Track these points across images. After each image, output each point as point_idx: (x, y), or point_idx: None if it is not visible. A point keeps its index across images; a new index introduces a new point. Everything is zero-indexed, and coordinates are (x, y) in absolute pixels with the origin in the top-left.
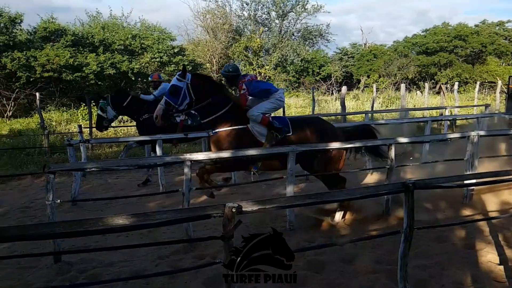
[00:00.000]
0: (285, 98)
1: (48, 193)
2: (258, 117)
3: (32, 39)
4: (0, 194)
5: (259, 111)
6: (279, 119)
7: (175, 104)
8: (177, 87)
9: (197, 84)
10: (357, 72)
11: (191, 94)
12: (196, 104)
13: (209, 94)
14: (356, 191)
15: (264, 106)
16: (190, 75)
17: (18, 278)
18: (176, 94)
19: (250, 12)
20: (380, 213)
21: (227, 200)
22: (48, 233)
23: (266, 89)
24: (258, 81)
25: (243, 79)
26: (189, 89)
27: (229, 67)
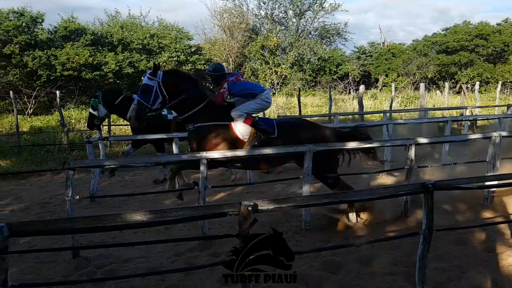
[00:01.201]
0: (271, 99)
1: (68, 189)
2: (242, 116)
3: (52, 38)
4: (21, 190)
5: (243, 110)
6: (265, 120)
7: (147, 103)
8: (148, 86)
9: (169, 82)
10: (375, 71)
11: (163, 92)
12: (171, 101)
13: (183, 90)
14: (375, 191)
15: (249, 106)
16: (162, 73)
17: (37, 272)
18: (148, 94)
19: (267, 11)
20: (398, 214)
21: (242, 199)
22: (68, 228)
23: (252, 90)
24: (244, 82)
25: (228, 78)
26: (161, 87)
27: (212, 67)
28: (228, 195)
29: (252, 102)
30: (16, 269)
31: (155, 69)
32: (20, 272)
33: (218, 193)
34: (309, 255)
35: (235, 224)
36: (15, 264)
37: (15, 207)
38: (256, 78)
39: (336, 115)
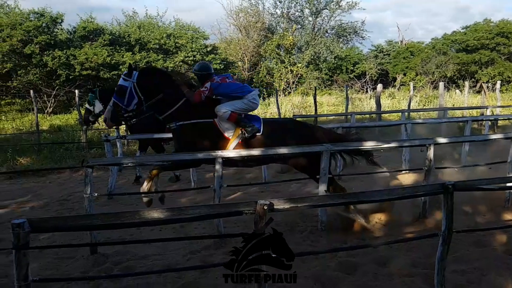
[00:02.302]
0: (258, 100)
1: (86, 187)
2: (226, 114)
3: (71, 38)
4: (40, 187)
5: (228, 107)
6: (252, 117)
7: (123, 105)
8: (123, 87)
9: (144, 82)
10: (393, 70)
11: (138, 93)
12: (147, 102)
13: (160, 89)
14: (393, 191)
15: (235, 105)
16: (137, 73)
17: (57, 267)
18: (123, 95)
19: (283, 10)
20: (416, 215)
21: (257, 198)
22: (87, 224)
23: (237, 92)
24: (231, 83)
25: (213, 78)
26: (136, 88)
27: (198, 66)
28: (243, 194)
29: (239, 101)
30: (36, 264)
31: (130, 69)
32: (40, 267)
33: (233, 192)
34: (325, 255)
35: (250, 223)
36: (35, 259)
37: (35, 204)
38: (272, 77)
39: (353, 114)
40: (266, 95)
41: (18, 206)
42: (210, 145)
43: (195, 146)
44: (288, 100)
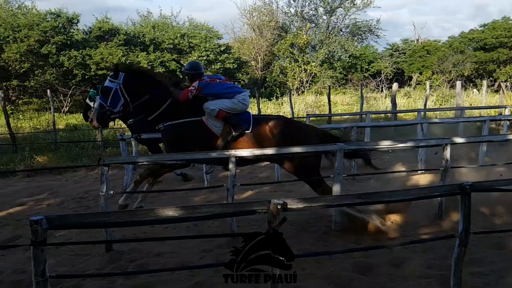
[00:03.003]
0: (249, 101)
1: (102, 185)
2: (214, 111)
3: (87, 38)
4: (57, 185)
5: (216, 105)
6: (242, 115)
7: (109, 106)
8: (108, 89)
9: (131, 83)
10: (408, 69)
11: (124, 94)
12: (134, 103)
13: (147, 90)
14: (409, 192)
15: (223, 103)
16: (123, 74)
17: (72, 264)
18: (109, 96)
19: (297, 9)
20: (432, 216)
21: (270, 198)
22: (104, 222)
23: (226, 92)
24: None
25: (203, 78)
26: (122, 89)
27: (189, 65)
28: (256, 194)
29: (228, 100)
30: (53, 260)
31: (116, 70)
32: (56, 264)
33: (246, 192)
34: (339, 256)
35: (263, 222)
36: (52, 256)
37: (52, 201)
38: (285, 76)
39: (368, 113)
40: (279, 94)
41: (35, 203)
42: (199, 144)
43: (184, 146)
44: (301, 100)
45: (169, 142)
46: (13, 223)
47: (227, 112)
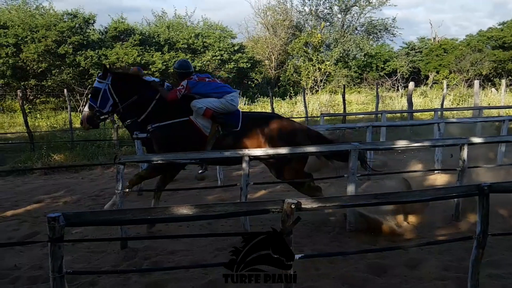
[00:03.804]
0: (238, 102)
1: (118, 183)
2: (201, 109)
3: (103, 38)
4: (73, 183)
5: (204, 103)
6: (231, 113)
7: (97, 107)
8: (97, 89)
9: (119, 84)
10: (425, 68)
11: (113, 95)
12: (123, 103)
13: (135, 91)
14: (426, 192)
15: (211, 102)
16: (111, 75)
17: (88, 261)
18: (98, 97)
19: (312, 7)
20: (449, 217)
21: (283, 197)
22: (119, 219)
23: (215, 91)
24: (210, 82)
25: (191, 77)
26: (111, 90)
27: (178, 63)
28: (269, 193)
29: (216, 100)
30: (69, 257)
31: (105, 71)
32: (72, 260)
33: (259, 191)
34: (353, 256)
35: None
36: (68, 253)
37: (68, 199)
38: (299, 75)
39: (384, 113)
40: (293, 94)
41: (52, 201)
42: (189, 144)
43: (173, 147)
44: (315, 99)
45: (158, 144)
46: (30, 220)
47: (214, 111)
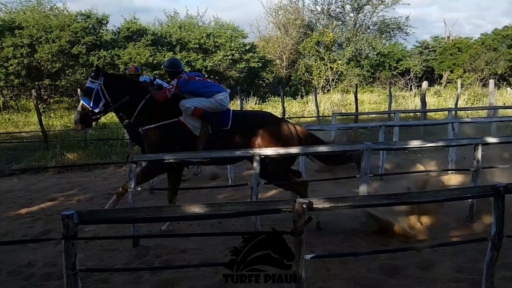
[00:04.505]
0: (227, 101)
1: (130, 181)
2: (190, 109)
3: (116, 38)
4: (87, 181)
5: (192, 103)
6: (221, 112)
7: (90, 106)
8: (90, 89)
9: (111, 84)
10: (438, 67)
11: (105, 95)
12: (115, 104)
13: (127, 92)
14: (439, 193)
15: (200, 101)
16: (103, 76)
17: (101, 259)
18: (91, 97)
19: (323, 6)
20: (462, 218)
21: (294, 197)
22: (132, 217)
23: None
24: (200, 81)
25: (181, 76)
26: (103, 90)
27: (168, 62)
28: (280, 193)
29: (205, 99)
30: (82, 255)
31: (97, 71)
32: (85, 258)
33: (270, 190)
34: (365, 257)
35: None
36: (81, 250)
37: (81, 197)
38: (310, 74)
39: (397, 112)
40: (304, 93)
41: (66, 199)
42: (180, 145)
43: (164, 149)
44: (327, 98)
45: (149, 146)
46: (44, 218)
47: (203, 110)
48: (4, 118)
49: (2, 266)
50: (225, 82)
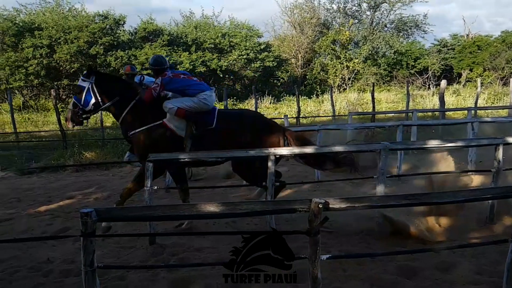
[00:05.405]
0: (212, 100)
1: (147, 180)
2: (172, 109)
3: (133, 39)
4: (104, 180)
5: (175, 104)
6: (206, 111)
7: (80, 104)
8: (81, 88)
9: (102, 83)
10: (457, 65)
11: (96, 94)
12: (105, 103)
13: (117, 92)
14: (459, 193)
15: (184, 102)
16: (95, 75)
17: (118, 256)
18: (82, 95)
19: (340, 5)
20: (482, 219)
21: (309, 197)
22: (149, 215)
23: (189, 88)
24: (184, 79)
25: (166, 73)
26: (94, 89)
27: (152, 59)
28: (295, 193)
29: (188, 99)
30: (100, 252)
31: (89, 70)
32: (103, 255)
33: (285, 190)
34: (382, 258)
35: (300, 221)
36: (99, 247)
37: (99, 195)
38: (326, 73)
39: (415, 111)
40: (319, 92)
41: (84, 197)
42: (168, 147)
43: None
44: (343, 97)
45: (138, 151)
46: (63, 215)
47: (187, 110)
48: (24, 118)
49: (22, 262)
50: (240, 81)
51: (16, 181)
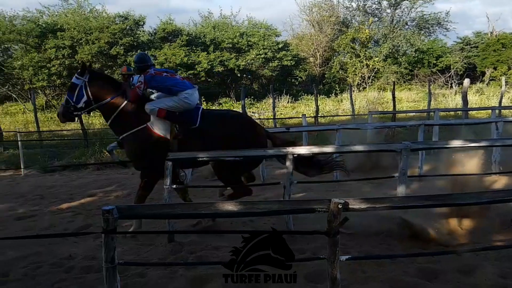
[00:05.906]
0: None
1: (166, 179)
2: (154, 110)
3: (152, 39)
4: (124, 178)
5: (156, 105)
6: (188, 110)
7: (72, 101)
8: (74, 85)
9: (94, 82)
10: (481, 64)
11: (88, 92)
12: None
13: (108, 93)
14: (483, 195)
15: (165, 102)
16: (89, 73)
17: (137, 253)
18: (74, 92)
19: (359, 3)
20: (507, 222)
21: (326, 197)
22: (169, 213)
23: (170, 86)
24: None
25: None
26: (86, 87)
27: (136, 57)
28: (312, 192)
29: (170, 99)
30: (120, 249)
31: (83, 68)
32: (123, 252)
33: (302, 190)
34: (403, 260)
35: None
36: (119, 245)
37: (119, 193)
38: (345, 72)
39: (436, 111)
40: (338, 91)
41: (104, 195)
42: (155, 149)
43: (142, 156)
44: (363, 96)
45: (128, 155)
46: (84, 213)
47: (168, 111)
48: (46, 117)
49: (44, 258)
50: (257, 80)
51: (39, 179)
